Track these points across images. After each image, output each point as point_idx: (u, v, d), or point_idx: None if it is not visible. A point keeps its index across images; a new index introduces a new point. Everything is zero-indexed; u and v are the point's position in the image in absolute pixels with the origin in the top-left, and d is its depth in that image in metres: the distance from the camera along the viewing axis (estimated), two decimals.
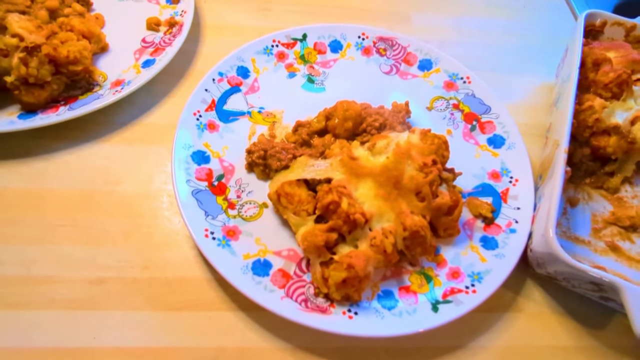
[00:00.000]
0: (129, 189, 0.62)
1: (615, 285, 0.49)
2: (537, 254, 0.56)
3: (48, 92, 0.64)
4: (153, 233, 0.59)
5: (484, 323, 0.57)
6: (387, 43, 0.79)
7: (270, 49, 0.75)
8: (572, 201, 0.66)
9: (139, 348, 0.51)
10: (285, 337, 0.53)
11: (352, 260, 0.51)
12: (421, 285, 0.56)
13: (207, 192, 0.59)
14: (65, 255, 0.56)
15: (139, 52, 0.74)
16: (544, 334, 0.57)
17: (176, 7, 0.80)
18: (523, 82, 0.83)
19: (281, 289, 0.53)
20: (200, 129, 0.64)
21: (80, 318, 0.52)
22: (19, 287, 0.53)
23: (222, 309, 0.54)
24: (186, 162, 0.60)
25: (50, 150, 0.64)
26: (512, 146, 0.68)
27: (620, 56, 0.70)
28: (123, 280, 0.55)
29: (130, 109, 0.69)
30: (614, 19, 0.76)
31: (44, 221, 0.58)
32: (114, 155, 0.65)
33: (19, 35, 0.61)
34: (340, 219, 0.52)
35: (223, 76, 0.70)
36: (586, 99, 0.67)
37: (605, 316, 0.58)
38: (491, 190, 0.65)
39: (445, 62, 0.77)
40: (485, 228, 0.62)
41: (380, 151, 0.58)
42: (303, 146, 0.65)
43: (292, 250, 0.57)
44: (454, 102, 0.74)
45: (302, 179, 0.58)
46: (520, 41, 0.90)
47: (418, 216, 0.55)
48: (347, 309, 0.52)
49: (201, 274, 0.56)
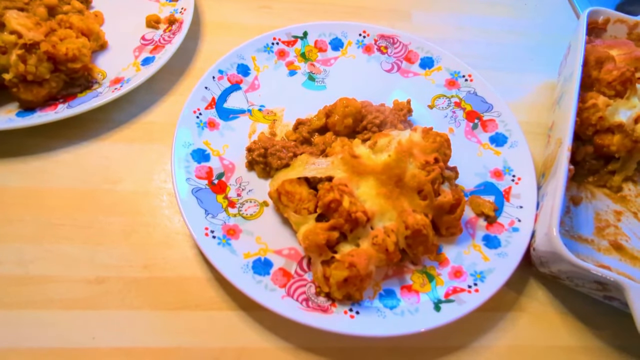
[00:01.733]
0: (129, 187, 0.61)
1: (620, 284, 0.48)
2: (540, 253, 0.55)
3: (47, 89, 0.63)
4: (153, 232, 0.58)
5: (486, 322, 0.56)
6: (388, 41, 0.78)
7: (270, 46, 0.75)
8: (575, 200, 0.66)
9: (138, 348, 0.50)
10: (286, 336, 0.52)
11: (353, 259, 0.50)
12: (423, 285, 0.55)
13: (207, 191, 0.59)
14: (64, 254, 0.55)
15: (139, 49, 0.73)
16: (547, 334, 0.57)
17: (176, 4, 0.79)
18: (525, 80, 0.82)
19: (282, 288, 0.53)
20: (200, 127, 0.64)
21: (79, 318, 0.51)
22: (17, 287, 0.52)
23: (222, 309, 0.54)
24: (186, 160, 0.60)
25: (49, 148, 0.63)
26: (514, 144, 0.68)
27: (623, 54, 0.69)
28: (122, 280, 0.54)
29: (129, 107, 0.69)
30: (617, 16, 0.76)
31: (43, 220, 0.57)
32: (113, 154, 0.64)
33: (17, 32, 0.60)
34: (341, 217, 0.52)
35: (223, 74, 0.69)
36: (589, 97, 0.66)
37: (609, 316, 0.58)
38: (493, 189, 0.65)
39: (447, 60, 0.76)
40: (488, 227, 0.61)
41: (382, 149, 0.58)
42: (304, 144, 0.65)
43: (293, 249, 0.57)
44: (455, 100, 0.74)
45: (302, 177, 0.57)
46: (522, 39, 0.89)
47: (420, 215, 0.55)
48: (349, 309, 0.52)
49: (201, 273, 0.56)
